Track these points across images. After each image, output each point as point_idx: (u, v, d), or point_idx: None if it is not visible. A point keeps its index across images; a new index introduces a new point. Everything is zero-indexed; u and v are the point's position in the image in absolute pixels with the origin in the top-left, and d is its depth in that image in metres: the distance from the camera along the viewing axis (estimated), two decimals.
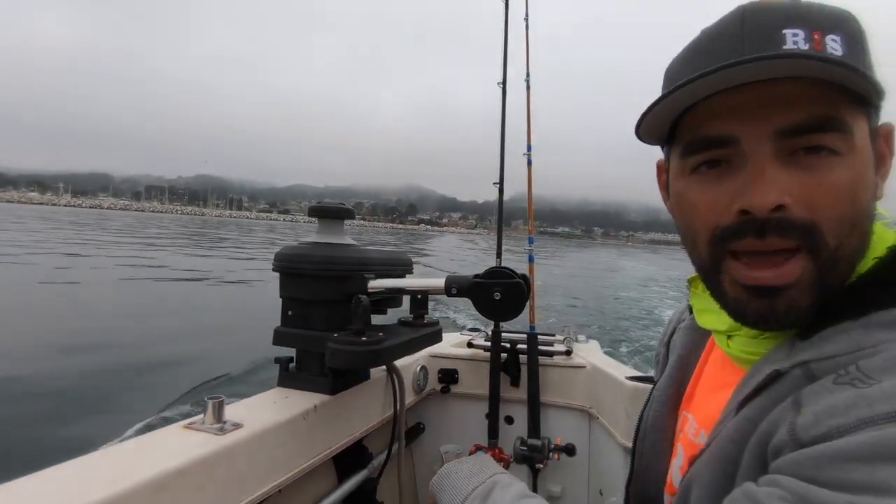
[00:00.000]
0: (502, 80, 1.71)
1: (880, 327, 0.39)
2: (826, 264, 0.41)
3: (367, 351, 0.97)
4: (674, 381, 0.66)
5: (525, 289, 0.98)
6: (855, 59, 0.40)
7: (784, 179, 0.41)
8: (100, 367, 5.04)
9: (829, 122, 0.40)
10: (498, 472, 0.71)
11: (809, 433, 0.35)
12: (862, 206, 0.42)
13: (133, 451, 0.77)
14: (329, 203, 1.16)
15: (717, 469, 0.44)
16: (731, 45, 0.42)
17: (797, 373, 0.41)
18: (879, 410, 0.33)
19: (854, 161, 0.41)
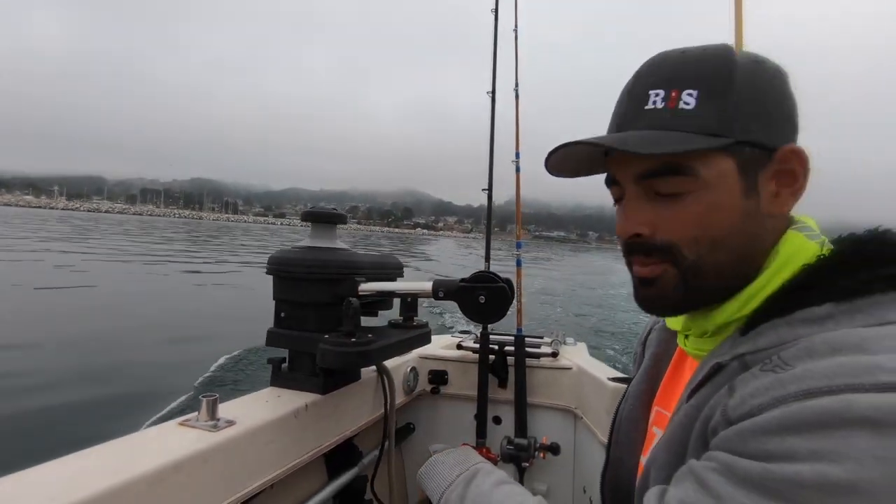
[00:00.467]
0: (492, 89, 1.75)
1: (801, 323, 0.45)
2: (688, 271, 0.52)
3: (357, 352, 1.00)
4: (647, 378, 0.71)
5: (509, 293, 1.02)
6: (708, 109, 0.50)
7: (646, 213, 0.53)
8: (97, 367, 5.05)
9: (672, 167, 0.51)
10: (481, 462, 0.76)
11: (737, 412, 0.42)
12: (717, 229, 0.51)
13: (129, 446, 0.79)
14: (322, 208, 1.20)
15: (669, 452, 0.50)
16: (617, 107, 0.55)
17: (735, 364, 0.48)
18: (790, 390, 0.39)
19: (704, 195, 0.51)
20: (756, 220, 0.52)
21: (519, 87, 1.78)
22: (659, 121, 0.51)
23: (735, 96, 0.50)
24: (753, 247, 0.52)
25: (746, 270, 0.52)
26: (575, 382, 1.61)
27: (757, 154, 0.51)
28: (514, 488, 0.73)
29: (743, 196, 0.51)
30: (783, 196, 0.52)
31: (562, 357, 1.69)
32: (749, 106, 0.50)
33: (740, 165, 0.50)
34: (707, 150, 0.50)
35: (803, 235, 0.53)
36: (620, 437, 0.71)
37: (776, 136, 0.51)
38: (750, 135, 0.50)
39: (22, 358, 5.15)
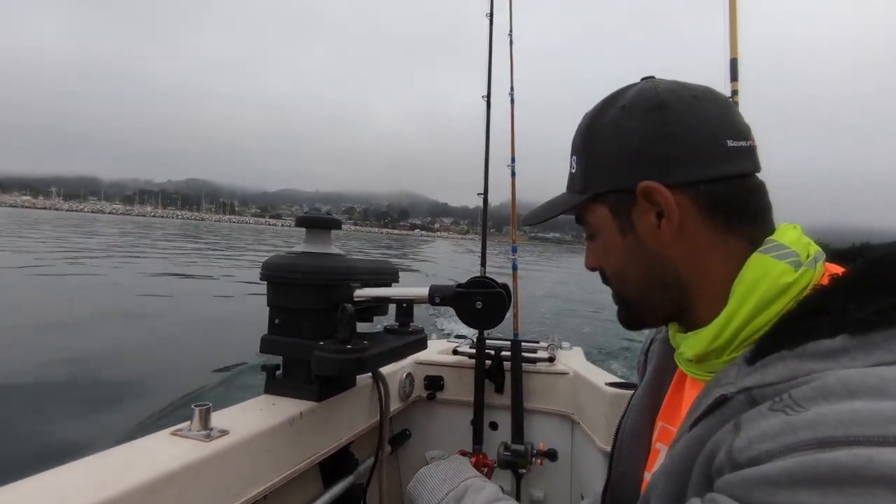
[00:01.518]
0: (487, 94, 1.74)
1: (812, 357, 0.42)
2: (619, 297, 0.62)
3: (352, 359, 0.99)
4: (650, 391, 0.70)
5: (506, 298, 1.01)
6: (578, 170, 0.60)
7: (590, 252, 0.64)
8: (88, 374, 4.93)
9: (578, 219, 0.64)
10: (471, 476, 0.74)
11: (743, 455, 0.39)
12: (614, 264, 0.60)
13: (120, 457, 0.78)
14: (316, 214, 1.19)
15: (670, 482, 0.48)
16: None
17: (741, 398, 0.45)
18: (803, 438, 0.36)
19: (600, 237, 0.61)
20: (645, 254, 0.56)
21: (514, 92, 1.78)
22: (568, 183, 0.63)
23: (590, 153, 0.58)
24: (663, 276, 0.56)
25: (681, 296, 0.56)
26: (572, 388, 1.61)
27: (621, 197, 0.56)
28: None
29: (620, 234, 0.58)
30: (664, 227, 0.54)
31: (558, 362, 1.69)
32: (600, 159, 0.58)
33: (612, 209, 0.58)
34: (587, 203, 0.60)
35: (770, 257, 0.51)
36: (623, 451, 0.70)
37: (631, 177, 0.54)
38: (607, 184, 0.57)
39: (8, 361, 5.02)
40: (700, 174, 0.53)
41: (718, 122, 0.54)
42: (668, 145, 0.53)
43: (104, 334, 6.48)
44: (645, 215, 0.55)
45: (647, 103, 0.55)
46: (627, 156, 0.55)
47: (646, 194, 0.54)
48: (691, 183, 0.53)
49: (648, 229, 0.55)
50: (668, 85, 0.56)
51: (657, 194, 0.53)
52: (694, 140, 0.53)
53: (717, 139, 0.53)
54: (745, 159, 0.54)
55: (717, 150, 0.53)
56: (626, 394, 1.36)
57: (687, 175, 0.53)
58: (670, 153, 0.53)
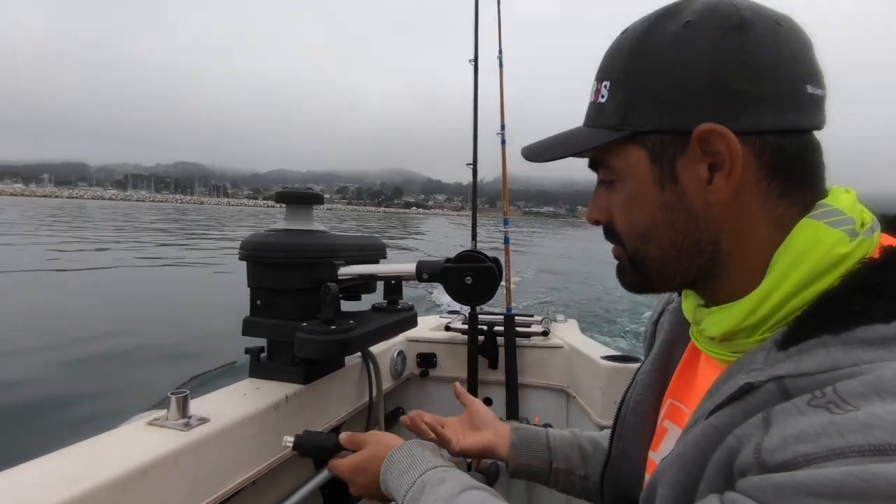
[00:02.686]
0: (474, 56, 1.67)
1: (862, 345, 0.36)
2: (633, 260, 0.52)
3: (337, 340, 0.96)
4: (659, 365, 0.65)
5: (496, 273, 0.97)
6: (613, 101, 0.48)
7: (600, 201, 0.54)
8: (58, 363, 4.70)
9: (596, 160, 0.53)
10: (429, 468, 0.65)
11: (775, 457, 0.33)
12: (640, 222, 0.50)
13: (92, 450, 0.74)
14: (296, 188, 1.14)
15: (680, 471, 0.43)
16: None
17: (771, 387, 0.38)
18: (852, 442, 0.30)
19: (624, 185, 0.50)
20: (685, 213, 0.47)
21: (503, 55, 1.71)
22: (589, 115, 0.52)
23: (635, 79, 0.46)
24: (699, 241, 0.47)
25: (712, 265, 0.48)
26: (566, 361, 1.58)
27: (668, 140, 0.46)
28: (472, 497, 0.59)
29: (658, 186, 0.48)
30: (717, 182, 0.44)
31: (553, 335, 1.66)
32: (650, 88, 0.46)
33: (651, 154, 0.47)
34: (617, 142, 0.48)
35: (823, 223, 0.43)
36: (626, 427, 0.65)
37: (690, 116, 0.44)
38: (651, 122, 0.46)
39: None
40: (773, 122, 0.43)
41: (801, 59, 0.44)
42: (745, 79, 0.42)
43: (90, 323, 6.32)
44: (694, 166, 0.45)
45: (725, 21, 0.43)
46: (690, 86, 0.44)
47: (703, 140, 0.44)
48: (761, 131, 0.43)
49: (696, 184, 0.46)
50: (752, 5, 0.44)
51: (719, 141, 0.43)
52: (775, 77, 0.43)
53: (797, 81, 0.43)
54: (818, 111, 0.45)
55: (796, 95, 0.43)
56: (621, 367, 1.34)
57: (759, 121, 0.43)
58: (745, 89, 0.43)
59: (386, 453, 0.71)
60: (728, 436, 0.39)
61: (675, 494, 0.43)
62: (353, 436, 0.80)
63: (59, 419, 3.61)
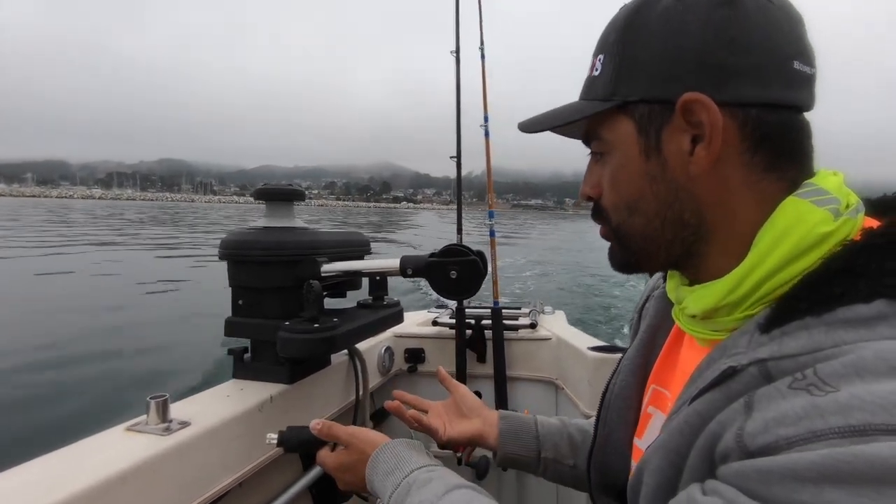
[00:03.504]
0: (456, 49, 1.65)
1: (843, 325, 0.36)
2: (617, 234, 0.52)
3: (321, 338, 0.94)
4: (643, 351, 0.65)
5: (481, 266, 0.96)
6: (605, 73, 0.49)
7: (593, 176, 0.54)
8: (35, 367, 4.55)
9: (589, 133, 0.53)
10: (415, 468, 0.64)
11: (757, 441, 0.33)
12: (626, 192, 0.50)
13: (69, 458, 0.73)
14: (276, 185, 1.12)
15: (665, 458, 0.43)
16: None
17: (753, 371, 0.38)
18: (832, 424, 0.30)
19: (613, 158, 0.51)
20: (667, 184, 0.47)
21: (484, 47, 1.69)
22: (585, 88, 0.52)
23: (627, 51, 0.47)
24: (682, 213, 0.47)
25: (695, 240, 0.48)
26: (554, 353, 1.58)
27: (655, 110, 0.46)
28: (458, 497, 0.59)
29: (643, 157, 0.48)
30: (698, 154, 0.44)
31: (540, 327, 1.66)
32: (640, 60, 0.46)
33: (638, 125, 0.48)
34: (608, 114, 0.49)
35: (809, 201, 0.43)
36: (611, 413, 0.65)
37: (675, 87, 0.44)
38: (640, 91, 0.47)
39: None
40: (756, 94, 0.43)
41: (790, 36, 0.44)
42: (731, 53, 0.43)
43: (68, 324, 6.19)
44: (677, 137, 0.46)
45: (708, 1, 0.44)
46: (677, 58, 0.44)
47: (686, 109, 0.44)
48: (743, 104, 0.43)
49: (678, 155, 0.46)
50: None
51: (701, 110, 0.43)
52: (761, 52, 0.43)
53: (784, 57, 0.43)
54: (805, 89, 0.45)
55: (781, 69, 0.43)
56: (609, 357, 1.34)
57: (742, 93, 0.43)
58: (730, 62, 0.43)
59: (371, 452, 0.70)
60: (711, 421, 0.38)
61: (660, 482, 0.43)
62: (327, 426, 0.77)
63: (33, 427, 3.50)
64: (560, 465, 0.81)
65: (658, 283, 0.67)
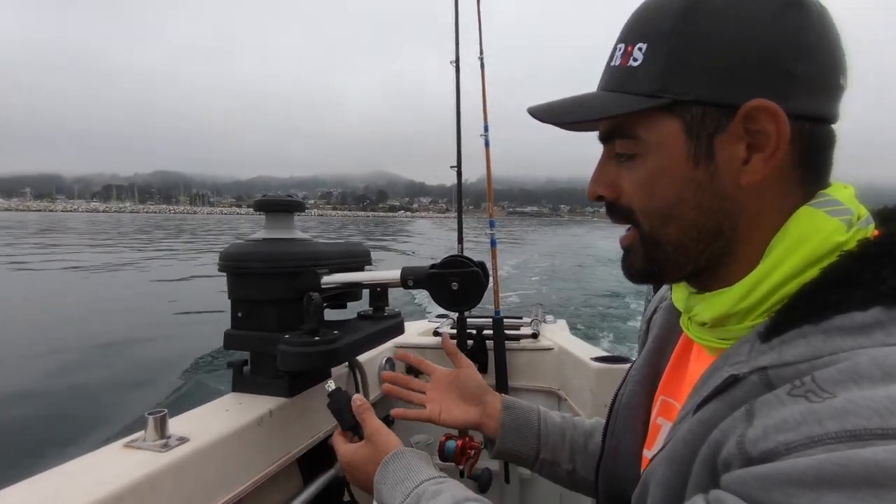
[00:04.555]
0: (455, 58, 1.65)
1: (840, 333, 0.36)
2: (647, 242, 0.48)
3: (321, 351, 0.93)
4: (651, 361, 0.64)
5: (483, 277, 0.96)
6: (650, 65, 0.44)
7: (608, 174, 0.50)
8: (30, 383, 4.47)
9: (616, 131, 0.48)
10: (424, 480, 0.64)
11: (757, 447, 0.33)
12: (662, 199, 0.46)
13: (66, 476, 0.71)
14: (276, 196, 1.11)
15: (670, 469, 0.43)
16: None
17: (754, 379, 0.38)
18: (829, 429, 0.31)
19: (649, 160, 0.46)
20: (713, 193, 0.44)
21: (484, 56, 1.69)
22: (613, 79, 0.48)
23: (681, 47, 0.43)
24: (721, 224, 0.45)
25: (724, 251, 0.46)
26: (557, 363, 1.57)
27: (710, 113, 0.43)
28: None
29: (691, 163, 0.44)
30: (755, 164, 0.43)
31: (542, 337, 1.65)
32: (699, 57, 0.42)
33: (688, 127, 0.44)
34: (648, 112, 0.45)
35: (823, 211, 0.43)
36: (618, 424, 0.65)
37: (739, 91, 0.41)
38: (696, 92, 0.43)
39: None
40: (813, 107, 0.42)
41: (839, 46, 0.43)
42: (799, 60, 0.41)
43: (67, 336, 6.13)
44: (732, 144, 0.43)
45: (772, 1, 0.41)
46: (743, 59, 0.41)
47: (750, 117, 0.41)
48: (803, 116, 0.42)
49: (731, 163, 0.43)
50: None
51: (768, 120, 0.41)
52: (821, 62, 0.41)
53: (836, 69, 0.42)
54: (840, 103, 0.45)
55: (832, 83, 0.42)
56: (612, 368, 1.33)
57: (804, 104, 0.41)
58: (796, 69, 0.41)
59: (382, 457, 0.70)
60: (714, 430, 0.39)
61: (665, 493, 0.43)
62: (363, 408, 0.80)
63: (29, 444, 3.43)
64: (557, 467, 0.81)
65: (666, 294, 0.67)
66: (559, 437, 0.81)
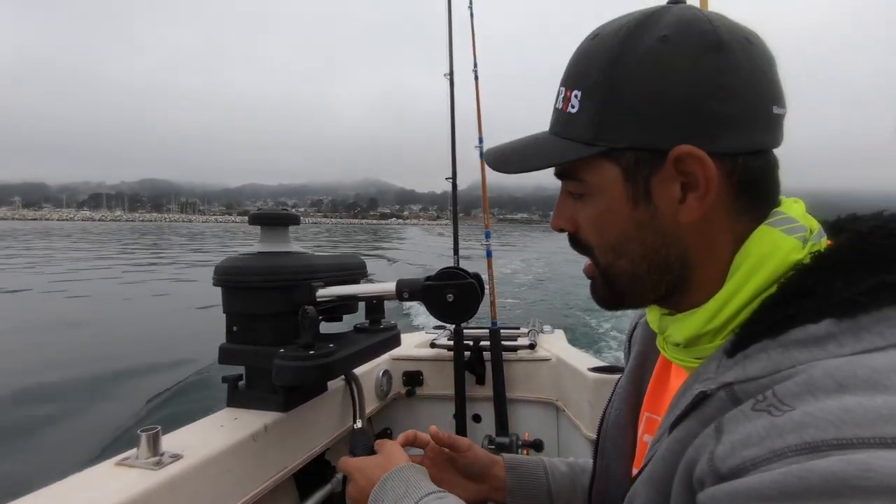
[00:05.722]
0: (449, 71, 1.66)
1: (796, 345, 0.37)
2: (605, 274, 0.51)
3: (316, 365, 0.92)
4: (634, 378, 0.65)
5: (478, 289, 0.95)
6: (585, 113, 0.46)
7: (566, 209, 0.53)
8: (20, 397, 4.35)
9: (564, 173, 0.51)
10: (424, 495, 0.62)
11: (726, 464, 0.34)
12: (612, 236, 0.49)
13: (55, 496, 0.70)
14: (271, 210, 1.10)
15: (651, 489, 0.43)
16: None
17: (722, 395, 0.39)
18: (790, 442, 0.31)
19: (596, 200, 0.49)
20: (656, 230, 0.47)
21: (478, 69, 1.70)
22: (558, 123, 0.50)
23: (610, 96, 0.45)
24: (668, 258, 0.47)
25: (680, 279, 0.48)
26: (554, 374, 1.57)
27: (644, 158, 0.45)
28: None
29: (631, 203, 0.47)
30: (690, 203, 0.44)
31: (539, 348, 1.65)
32: (627, 106, 0.44)
33: (625, 172, 0.46)
34: (589, 158, 0.47)
35: (779, 230, 0.44)
36: (607, 444, 0.65)
37: (667, 136, 0.43)
38: (628, 139, 0.45)
39: None
40: (743, 143, 0.43)
41: (769, 79, 0.44)
42: (721, 101, 0.42)
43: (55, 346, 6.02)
44: (668, 185, 0.45)
45: (703, 40, 0.43)
46: (667, 106, 0.43)
47: (679, 160, 0.43)
48: (733, 153, 0.43)
49: (669, 203, 0.45)
50: (727, 22, 0.44)
51: (695, 164, 0.43)
52: (747, 99, 0.43)
53: (766, 101, 0.44)
54: (780, 130, 0.46)
55: (764, 116, 0.44)
56: (609, 378, 1.33)
57: (732, 143, 0.43)
58: (721, 111, 0.42)
59: (394, 466, 0.67)
60: (689, 447, 0.39)
61: None
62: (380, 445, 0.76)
63: (18, 463, 3.32)
64: None
65: (644, 311, 0.67)
66: (570, 489, 0.79)
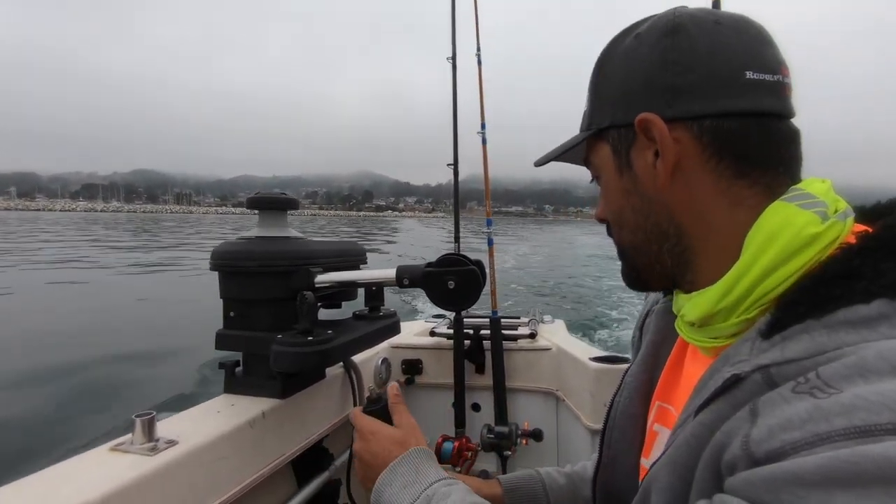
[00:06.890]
0: (452, 55, 1.63)
1: (845, 327, 0.36)
2: (620, 249, 0.57)
3: (315, 351, 0.91)
4: (646, 367, 0.64)
5: (480, 276, 0.94)
6: (587, 107, 0.56)
7: (599, 200, 0.59)
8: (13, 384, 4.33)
9: (585, 161, 0.60)
10: (433, 482, 0.62)
11: (762, 448, 0.32)
12: (613, 209, 0.56)
13: (49, 480, 0.68)
14: (270, 193, 1.08)
15: (673, 474, 0.42)
16: None
17: (757, 378, 0.38)
18: (836, 426, 0.30)
19: (602, 182, 0.57)
20: (639, 196, 0.52)
21: (481, 53, 1.67)
22: (582, 122, 0.58)
23: (598, 87, 0.55)
24: (659, 224, 0.51)
25: (683, 249, 0.50)
26: (555, 363, 1.56)
27: (622, 133, 0.52)
28: None
29: (618, 175, 0.54)
30: (660, 168, 0.49)
31: (540, 337, 1.64)
32: (607, 94, 0.54)
33: (613, 147, 0.54)
34: (592, 142, 0.56)
35: (795, 205, 0.44)
36: (615, 434, 0.64)
37: (633, 111, 0.49)
38: (610, 118, 0.53)
39: None
40: (706, 107, 0.47)
41: (739, 49, 0.47)
42: (674, 73, 0.48)
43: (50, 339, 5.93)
44: (643, 153, 0.51)
45: (662, 29, 0.49)
46: (631, 86, 0.51)
47: (643, 128, 0.49)
48: (694, 117, 0.47)
49: (644, 169, 0.51)
50: (693, 11, 0.50)
51: (653, 128, 0.48)
52: (705, 69, 0.47)
53: (733, 69, 0.46)
54: (768, 96, 0.47)
55: (731, 82, 0.46)
56: (610, 368, 1.32)
57: (690, 108, 0.47)
58: (675, 82, 0.48)
59: (398, 456, 0.66)
60: (717, 432, 0.38)
61: (668, 499, 0.41)
62: (397, 398, 0.78)
63: (12, 448, 3.31)
64: None
65: (658, 298, 0.68)
66: (570, 501, 0.79)
